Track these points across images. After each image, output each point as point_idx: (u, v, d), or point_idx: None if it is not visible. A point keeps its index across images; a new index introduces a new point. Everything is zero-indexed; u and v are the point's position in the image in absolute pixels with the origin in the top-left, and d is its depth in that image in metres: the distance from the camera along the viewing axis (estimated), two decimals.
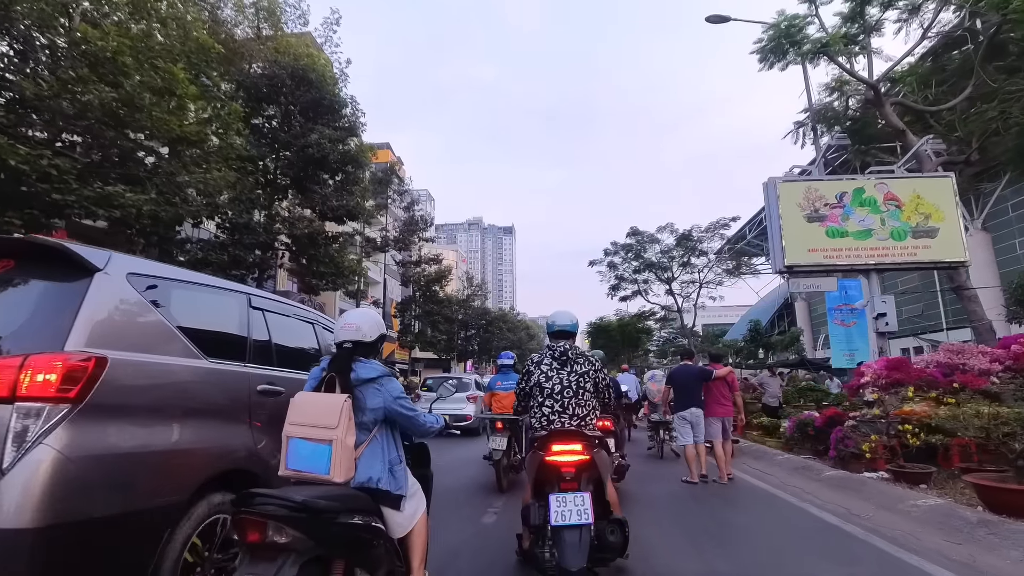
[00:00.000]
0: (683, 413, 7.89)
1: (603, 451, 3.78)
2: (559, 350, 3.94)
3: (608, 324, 37.18)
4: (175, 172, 12.28)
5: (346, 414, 2.55)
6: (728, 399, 8.19)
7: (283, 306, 4.06)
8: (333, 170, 19.35)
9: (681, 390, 8.13)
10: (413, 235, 31.41)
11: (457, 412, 14.95)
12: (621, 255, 30.30)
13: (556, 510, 3.30)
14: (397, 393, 2.83)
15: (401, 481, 2.77)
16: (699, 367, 8.49)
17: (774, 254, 11.00)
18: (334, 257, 18.98)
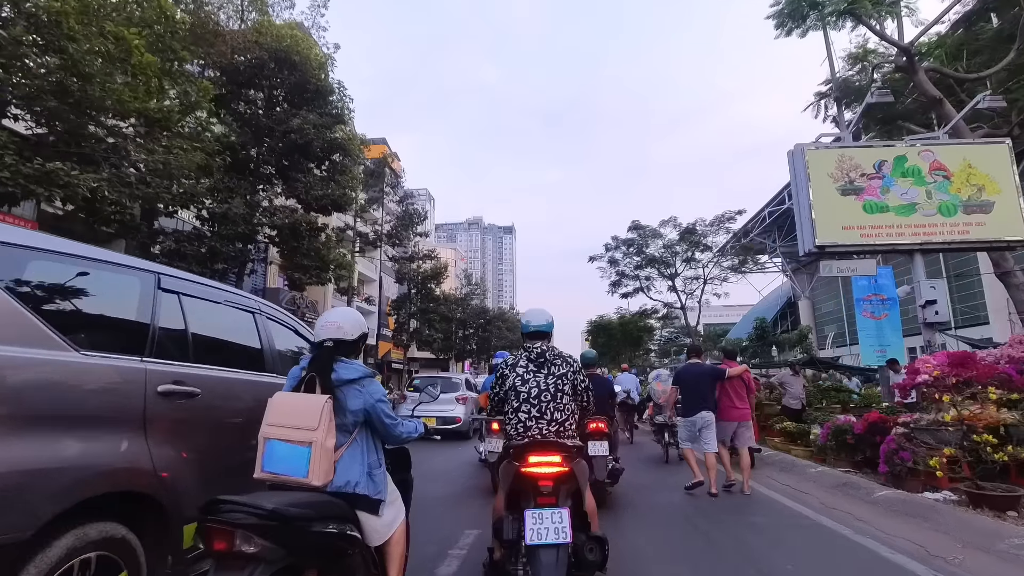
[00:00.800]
0: (692, 418, 7.00)
1: (582, 460, 3.51)
2: (535, 351, 3.65)
3: (609, 323, 35.40)
4: (130, 150, 10.93)
5: (327, 415, 2.47)
6: (745, 401, 7.23)
7: (211, 290, 3.44)
8: (318, 158, 18.02)
9: (690, 391, 7.17)
10: (407, 230, 29.93)
11: (445, 414, 13.76)
12: (622, 250, 28.81)
13: (532, 527, 3.03)
14: (379, 396, 2.71)
15: (380, 485, 2.65)
16: (710, 365, 7.51)
17: (802, 233, 9.50)
18: (319, 250, 17.60)
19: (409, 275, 33.59)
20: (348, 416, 2.60)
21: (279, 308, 4.26)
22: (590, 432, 6.11)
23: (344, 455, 2.57)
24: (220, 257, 15.91)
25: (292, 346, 4.14)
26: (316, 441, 2.40)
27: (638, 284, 29.30)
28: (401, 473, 3.17)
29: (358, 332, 2.83)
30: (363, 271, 37.94)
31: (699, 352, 7.97)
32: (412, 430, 2.88)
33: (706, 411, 6.88)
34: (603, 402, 6.73)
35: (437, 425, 13.63)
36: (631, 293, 29.85)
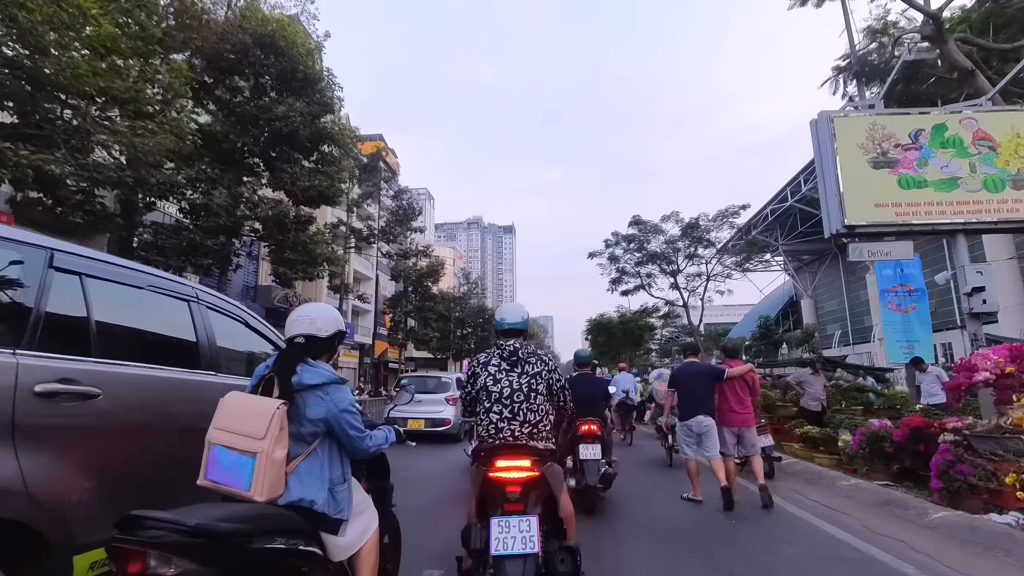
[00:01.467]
0: (688, 422, 6.34)
1: (555, 465, 3.26)
2: (508, 349, 3.42)
3: (609, 321, 34.22)
4: (91, 130, 9.96)
5: (277, 423, 2.16)
6: (748, 404, 6.54)
7: (129, 272, 2.91)
8: (305, 148, 17.06)
9: (687, 393, 6.50)
10: (402, 226, 28.91)
11: (434, 416, 12.82)
12: (623, 246, 27.75)
13: (498, 536, 2.81)
14: (344, 405, 2.37)
15: (342, 503, 2.34)
16: (708, 365, 6.90)
17: (828, 212, 8.39)
18: (305, 244, 16.63)
19: (405, 272, 32.57)
20: (306, 425, 2.31)
21: (225, 297, 3.72)
22: (581, 435, 5.88)
23: (300, 467, 2.28)
24: (201, 250, 14.97)
25: (241, 341, 3.70)
26: (261, 451, 2.12)
27: (639, 281, 28.28)
28: (378, 480, 2.96)
29: (333, 329, 2.55)
30: (359, 268, 37.02)
31: (696, 350, 7.20)
32: (382, 441, 2.62)
33: (704, 415, 6.24)
34: (596, 403, 6.44)
35: (425, 427, 12.81)
36: (632, 291, 28.80)
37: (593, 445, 5.86)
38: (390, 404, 12.65)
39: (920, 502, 5.62)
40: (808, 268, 47.06)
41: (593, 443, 5.88)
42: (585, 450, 5.84)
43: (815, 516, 5.64)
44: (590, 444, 5.87)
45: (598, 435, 5.96)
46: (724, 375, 6.40)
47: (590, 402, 6.27)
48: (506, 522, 2.86)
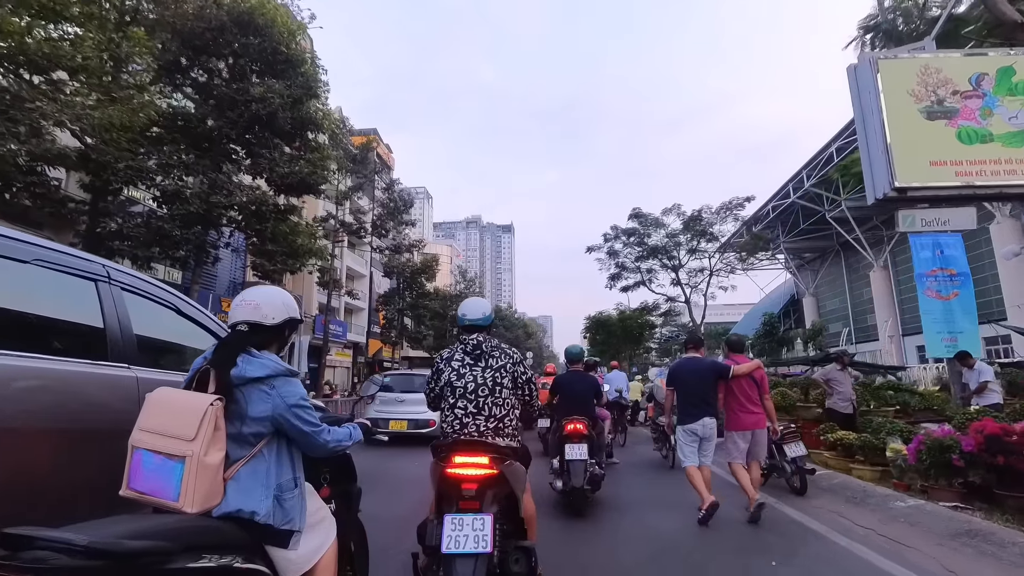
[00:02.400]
0: (692, 426, 5.59)
1: (516, 463, 3.05)
2: (471, 343, 3.29)
3: (608, 318, 32.81)
4: (27, 98, 8.78)
5: (210, 422, 1.89)
6: (758, 404, 5.79)
7: (7, 243, 2.31)
8: (286, 134, 15.89)
9: (688, 393, 5.77)
10: (393, 218, 27.61)
11: (418, 416, 11.70)
12: (623, 240, 26.51)
13: (450, 534, 2.69)
14: (294, 400, 2.08)
15: (292, 512, 2.04)
16: (711, 361, 6.25)
17: (871, 174, 7.13)
18: (286, 235, 15.44)
19: (399, 269, 31.34)
20: (249, 424, 2.01)
21: (152, 279, 3.20)
22: (567, 434, 5.70)
23: (240, 473, 1.98)
24: (170, 240, 13.79)
25: (172, 330, 3.29)
26: (191, 455, 1.84)
27: (639, 277, 27.03)
28: (342, 484, 2.67)
29: (282, 316, 2.22)
30: (352, 266, 35.82)
31: (699, 343, 6.26)
32: (343, 438, 2.28)
33: (709, 417, 5.60)
34: (586, 401, 6.17)
35: (408, 429, 11.74)
36: (632, 287, 27.55)
37: (579, 445, 5.63)
38: (376, 404, 11.44)
39: (1013, 533, 4.40)
40: (810, 266, 45.99)
41: (580, 443, 5.65)
42: (571, 450, 5.60)
43: (871, 550, 4.40)
44: (576, 444, 5.64)
45: (585, 434, 5.71)
46: (730, 373, 5.62)
47: (580, 400, 6.10)
48: (460, 520, 2.75)
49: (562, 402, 6.26)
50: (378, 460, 10.13)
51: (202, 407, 1.90)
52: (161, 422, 1.94)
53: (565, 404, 6.17)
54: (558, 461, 5.83)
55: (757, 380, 5.80)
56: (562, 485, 5.62)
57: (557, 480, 5.77)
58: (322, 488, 2.50)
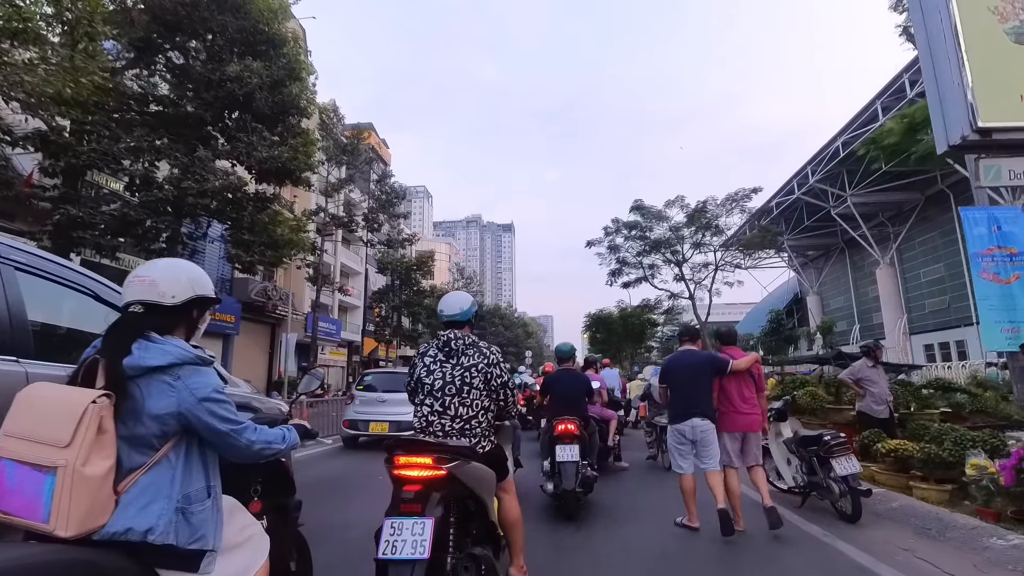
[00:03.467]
0: (681, 426, 5.03)
1: (475, 464, 2.81)
2: (443, 339, 3.17)
3: (608, 316, 31.43)
4: None
5: (91, 423, 1.53)
6: (754, 402, 5.20)
7: None
8: (266, 118, 14.80)
9: (681, 389, 5.18)
10: (385, 211, 26.41)
11: (400, 418, 10.47)
12: (624, 233, 25.23)
13: (387, 539, 2.44)
14: (205, 392, 1.72)
15: (204, 528, 1.68)
16: (709, 354, 5.46)
17: (943, 115, 5.65)
18: (265, 224, 14.34)
19: (393, 265, 30.20)
20: (148, 424, 1.65)
21: (58, 259, 2.70)
22: (558, 435, 5.49)
23: (138, 485, 1.62)
24: (139, 228, 12.72)
25: (84, 318, 2.84)
26: (64, 465, 1.48)
27: (641, 273, 25.77)
28: (277, 497, 2.33)
29: (185, 294, 1.84)
30: (347, 263, 34.75)
31: (695, 335, 5.65)
32: (274, 439, 1.89)
33: (699, 417, 4.95)
34: (577, 400, 6.02)
35: (390, 432, 10.54)
36: (633, 282, 26.30)
37: (571, 446, 5.40)
38: (356, 404, 10.42)
39: None
40: (814, 264, 44.83)
41: (571, 444, 5.42)
42: (562, 451, 5.37)
43: None
44: (568, 445, 5.41)
45: (576, 435, 5.50)
46: (728, 367, 5.04)
47: (571, 399, 5.94)
48: (399, 523, 2.49)
49: (553, 402, 6.05)
50: (358, 465, 9.13)
51: (80, 405, 1.55)
52: (30, 425, 1.58)
53: (556, 404, 5.97)
54: (548, 463, 5.59)
55: (755, 376, 5.23)
56: (553, 488, 5.39)
57: (548, 482, 5.52)
58: (252, 502, 2.17)
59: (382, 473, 5.80)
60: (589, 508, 5.67)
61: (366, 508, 5.20)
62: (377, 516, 2.36)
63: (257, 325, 26.75)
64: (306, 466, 8.79)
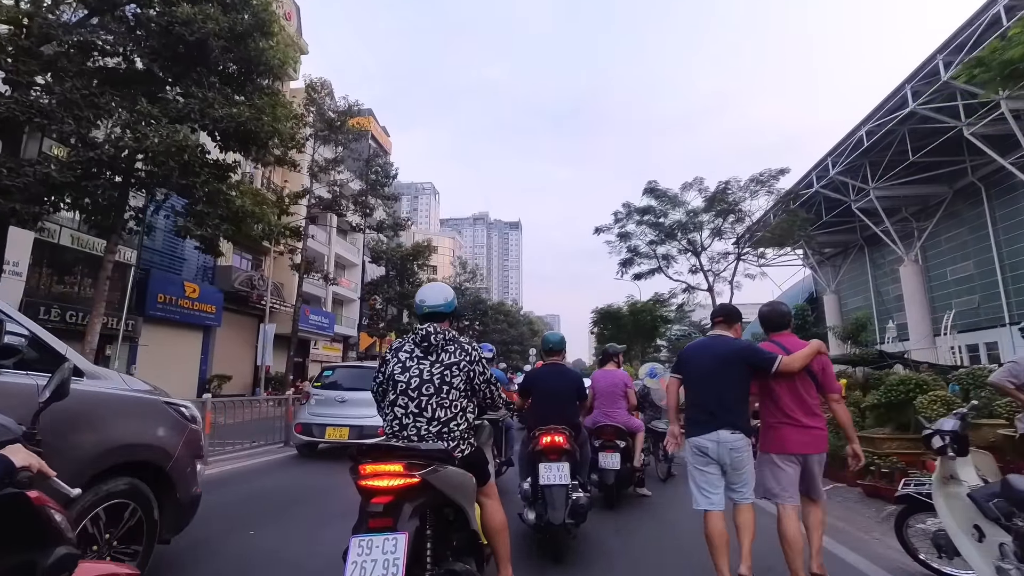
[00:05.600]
0: (698, 440, 3.45)
1: (450, 468, 2.48)
2: (421, 334, 2.82)
3: (617, 311, 28.72)
4: None
5: None
6: (816, 412, 3.48)
7: None
8: (229, 77, 12.62)
9: (701, 387, 3.55)
10: (374, 192, 24.02)
11: (364, 423, 8.47)
12: (636, 219, 22.61)
13: (355, 560, 2.10)
14: None
15: None
16: (746, 343, 3.73)
17: None
18: (221, 192, 12.11)
19: (388, 254, 27.91)
20: None
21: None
22: (543, 449, 4.23)
23: None
24: (67, 191, 10.56)
25: None
26: None
27: (656, 263, 23.13)
28: (17, 553, 1.47)
29: None
30: (342, 253, 32.58)
31: (733, 319, 3.93)
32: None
33: (728, 428, 3.39)
34: (567, 403, 4.75)
35: (350, 439, 8.54)
36: (646, 274, 23.70)
37: (559, 464, 4.12)
38: (312, 404, 8.96)
39: None
40: (831, 262, 42.33)
41: (559, 461, 4.14)
42: (548, 471, 4.10)
43: None
44: (554, 463, 4.13)
45: (565, 449, 4.21)
46: (775, 364, 3.43)
47: (558, 402, 4.68)
48: (368, 541, 2.14)
49: (536, 405, 4.77)
50: (311, 477, 7.51)
51: None
52: None
53: (539, 407, 4.70)
54: (529, 484, 4.32)
55: (816, 374, 3.56)
56: (535, 518, 4.12)
57: (529, 510, 4.23)
58: None
59: (343, 486, 4.42)
60: (581, 544, 4.36)
61: (300, 534, 4.44)
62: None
63: (241, 317, 24.63)
64: (250, 478, 7.24)
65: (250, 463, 8.50)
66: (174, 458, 3.24)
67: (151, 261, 20.45)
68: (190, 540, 3.90)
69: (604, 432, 5.59)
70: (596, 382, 5.98)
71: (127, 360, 19.43)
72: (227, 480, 6.98)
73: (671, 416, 3.80)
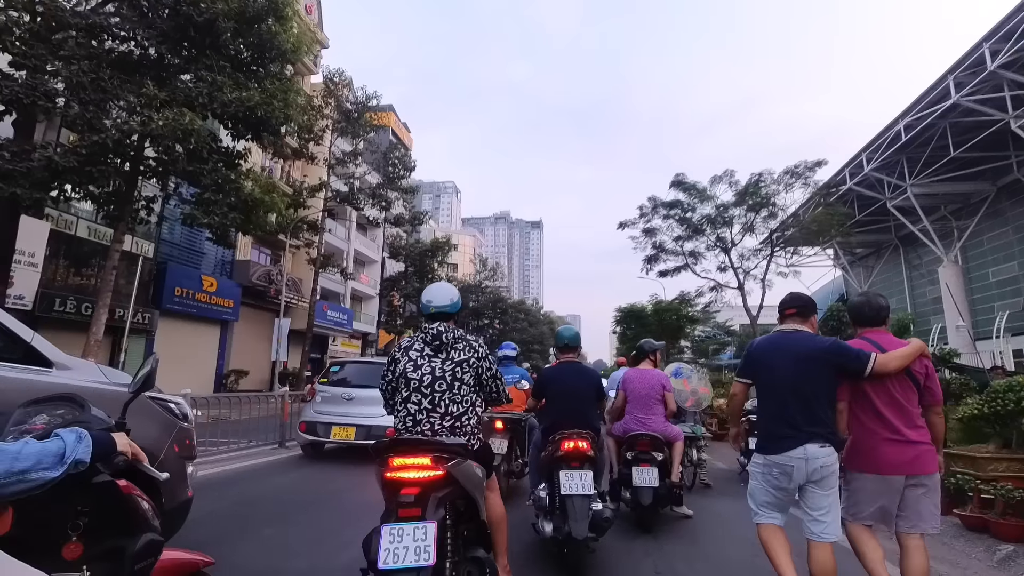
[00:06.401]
0: (784, 458, 2.80)
1: (470, 462, 2.56)
2: (432, 332, 2.88)
3: (641, 310, 27.63)
4: None
5: None
6: (917, 424, 2.81)
7: None
8: (238, 61, 12.08)
9: (783, 397, 2.90)
10: (391, 185, 23.43)
11: (371, 422, 7.88)
12: (662, 212, 21.51)
13: (387, 547, 2.21)
14: None
15: None
16: (832, 341, 2.98)
17: None
18: (230, 181, 11.57)
19: (406, 250, 27.32)
20: None
21: None
22: (564, 454, 3.78)
23: None
24: (68, 177, 10.10)
25: None
26: None
27: (683, 260, 21.95)
28: (110, 538, 1.57)
29: None
30: (361, 250, 32.16)
31: (807, 309, 3.20)
32: (43, 458, 1.17)
33: (817, 442, 2.73)
34: (586, 404, 4.27)
35: (356, 439, 7.97)
36: (671, 271, 22.68)
37: (582, 472, 3.70)
38: (317, 401, 8.24)
39: None
40: (862, 263, 40.59)
41: (582, 469, 3.72)
42: (570, 480, 3.67)
43: None
44: (577, 471, 3.70)
45: (588, 455, 3.77)
46: (870, 364, 2.78)
47: (577, 402, 4.19)
48: (399, 530, 2.25)
49: (552, 406, 4.34)
50: (316, 480, 7.02)
51: None
52: None
53: (556, 409, 4.26)
54: (546, 492, 3.88)
55: (919, 378, 2.88)
56: (552, 530, 3.67)
57: (544, 521, 3.79)
58: (68, 543, 1.47)
59: (349, 490, 4.98)
60: (600, 558, 3.92)
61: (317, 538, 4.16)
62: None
63: (259, 312, 24.27)
64: (249, 481, 6.75)
65: (246, 464, 7.86)
66: (159, 460, 2.95)
67: (169, 254, 20.15)
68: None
69: (639, 443, 4.79)
70: (629, 383, 5.18)
71: (143, 354, 19.16)
72: (220, 484, 6.34)
73: (732, 421, 3.37)
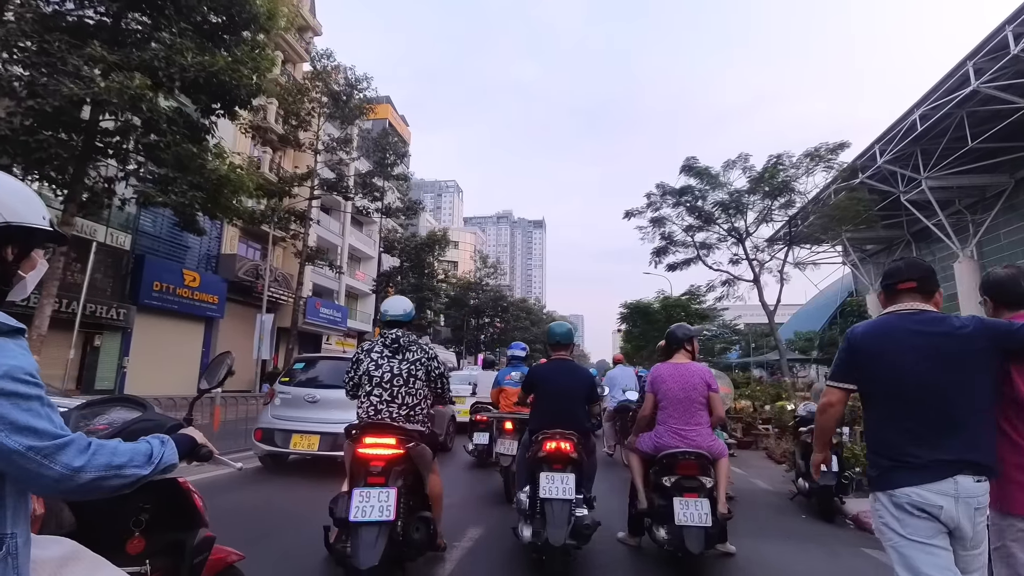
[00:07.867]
0: (927, 492, 1.78)
1: (423, 446, 3.20)
2: (390, 337, 3.46)
3: (648, 306, 25.98)
4: None
5: None
6: None
7: None
8: (199, 27, 10.67)
9: (916, 406, 1.85)
10: (382, 173, 21.93)
11: (333, 429, 6.48)
12: (671, 200, 19.73)
13: (357, 505, 2.85)
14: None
15: None
16: (977, 319, 1.88)
17: None
18: (192, 158, 10.15)
19: (401, 244, 25.87)
20: None
21: None
22: (546, 455, 3.57)
23: None
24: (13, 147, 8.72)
25: None
26: None
27: (692, 252, 20.33)
28: (171, 532, 1.66)
29: None
30: (356, 245, 30.77)
31: (929, 282, 1.98)
32: (125, 460, 1.11)
33: (971, 474, 1.77)
34: (576, 404, 3.94)
35: (319, 450, 6.61)
36: (681, 264, 21.04)
37: (563, 475, 3.46)
38: (276, 404, 7.27)
39: None
40: (872, 260, 39.04)
41: (563, 471, 3.48)
42: (549, 482, 3.44)
43: None
44: (558, 473, 3.48)
45: (572, 457, 3.53)
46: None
47: (566, 402, 3.90)
48: (367, 492, 2.88)
49: (540, 405, 3.97)
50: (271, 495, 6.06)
51: None
52: None
53: (544, 408, 3.90)
54: (527, 495, 3.58)
55: None
56: (531, 535, 3.41)
57: (524, 525, 3.51)
58: (132, 538, 1.52)
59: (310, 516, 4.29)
60: (583, 567, 3.57)
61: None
62: None
63: (247, 308, 22.88)
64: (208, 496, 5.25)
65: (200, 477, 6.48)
66: None
67: (148, 247, 18.77)
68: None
69: (681, 464, 3.53)
70: (661, 383, 3.83)
71: (119, 352, 17.80)
72: None
73: (821, 442, 2.29)
